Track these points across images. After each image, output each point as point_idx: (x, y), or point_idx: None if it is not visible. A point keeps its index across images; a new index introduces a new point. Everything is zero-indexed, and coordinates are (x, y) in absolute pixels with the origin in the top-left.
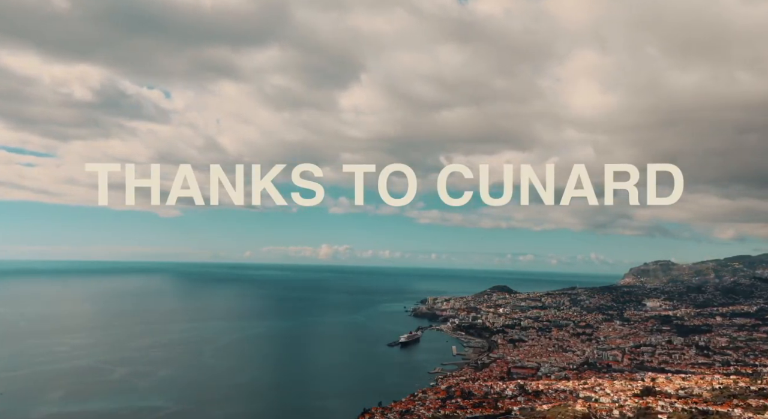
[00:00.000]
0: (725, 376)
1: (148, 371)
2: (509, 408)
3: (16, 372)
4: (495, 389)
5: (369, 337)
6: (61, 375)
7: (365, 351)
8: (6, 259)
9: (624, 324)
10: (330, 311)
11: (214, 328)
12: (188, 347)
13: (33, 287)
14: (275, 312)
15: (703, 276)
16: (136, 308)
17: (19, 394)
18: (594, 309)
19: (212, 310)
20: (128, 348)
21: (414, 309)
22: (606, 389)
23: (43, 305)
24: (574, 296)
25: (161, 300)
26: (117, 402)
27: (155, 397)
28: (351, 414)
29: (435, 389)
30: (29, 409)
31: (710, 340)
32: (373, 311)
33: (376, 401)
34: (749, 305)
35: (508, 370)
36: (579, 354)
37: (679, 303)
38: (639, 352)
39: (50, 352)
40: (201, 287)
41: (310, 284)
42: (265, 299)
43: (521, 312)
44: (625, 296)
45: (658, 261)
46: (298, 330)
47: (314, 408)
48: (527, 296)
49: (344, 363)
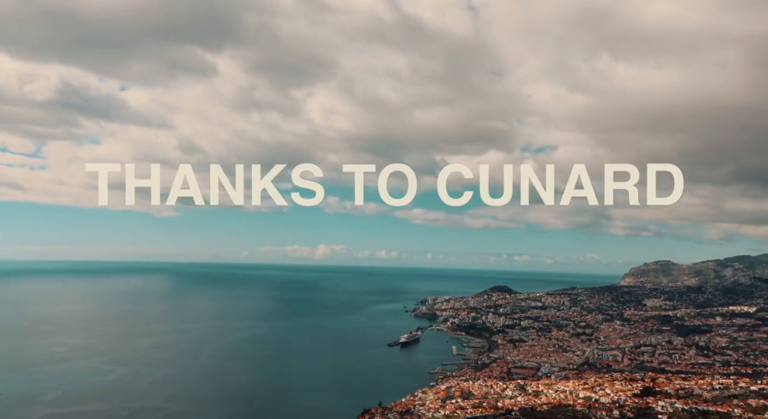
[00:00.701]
0: (725, 376)
1: (147, 372)
2: (509, 408)
3: (15, 372)
4: (495, 389)
5: (369, 337)
6: (60, 376)
7: (365, 351)
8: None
9: (624, 324)
10: (330, 312)
11: (214, 328)
12: (187, 348)
13: (30, 287)
14: (275, 313)
15: (703, 276)
16: (134, 309)
17: (18, 395)
18: (594, 309)
19: (212, 310)
20: (127, 348)
21: (414, 309)
22: (606, 389)
23: (42, 306)
24: (574, 297)
25: (159, 301)
26: (115, 402)
27: (154, 398)
28: (351, 414)
29: (435, 389)
30: (28, 410)
31: (710, 340)
32: (373, 312)
33: (376, 401)
34: (749, 305)
35: (508, 370)
36: (579, 354)
37: (679, 303)
38: (639, 352)
39: (49, 352)
40: (200, 287)
41: (309, 284)
42: (265, 300)
43: (521, 312)
44: (625, 296)
45: (658, 261)
46: (298, 330)
47: (314, 408)
48: (527, 297)
49: (344, 363)
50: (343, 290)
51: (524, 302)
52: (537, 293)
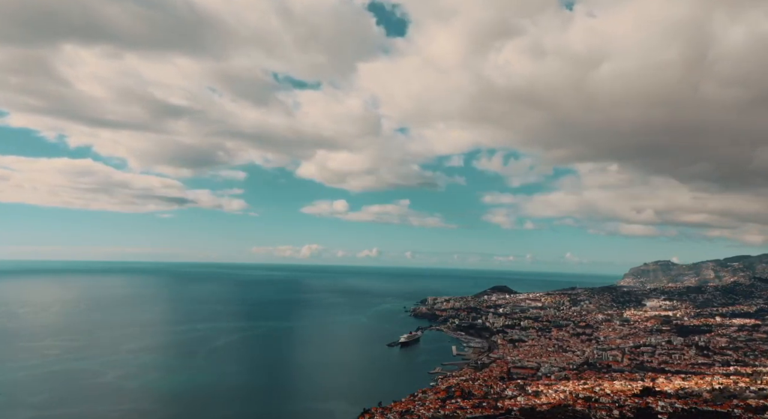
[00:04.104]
0: (725, 376)
1: (139, 373)
2: (509, 408)
3: (5, 375)
4: (495, 389)
5: (369, 337)
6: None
7: (365, 351)
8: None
9: (624, 324)
10: (330, 312)
11: (213, 329)
12: (184, 348)
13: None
14: (275, 313)
15: (703, 276)
16: (127, 310)
17: (10, 397)
18: (594, 309)
19: (211, 310)
20: (120, 350)
21: (414, 309)
22: (606, 389)
23: (35, 306)
24: (574, 297)
25: (158, 301)
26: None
27: (149, 400)
28: (351, 414)
29: (435, 389)
30: (19, 413)
31: (710, 340)
32: (373, 312)
33: (376, 401)
34: (749, 305)
35: (508, 370)
36: (579, 354)
37: (679, 303)
38: (639, 352)
39: (41, 355)
40: (198, 287)
41: (308, 283)
42: (264, 300)
43: (521, 312)
44: (625, 296)
45: (658, 261)
46: (298, 330)
47: (315, 408)
48: (527, 297)
49: (344, 363)
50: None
51: (524, 302)
52: (537, 293)
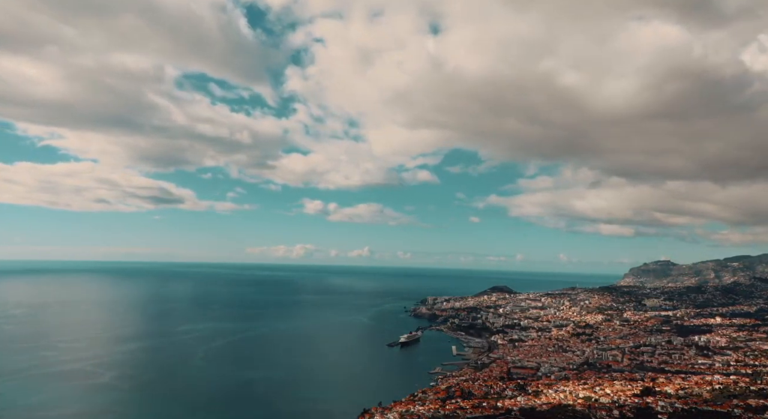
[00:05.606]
0: (725, 376)
1: (137, 374)
2: (509, 408)
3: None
4: (495, 389)
5: (369, 337)
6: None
7: (365, 351)
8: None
9: (624, 324)
10: (330, 312)
11: (213, 329)
12: (184, 348)
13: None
14: (275, 313)
15: (702, 276)
16: (125, 310)
17: (8, 397)
18: (594, 309)
19: (211, 311)
20: (116, 351)
21: (414, 309)
22: (606, 389)
23: (31, 307)
24: (574, 297)
25: (156, 301)
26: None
27: (148, 400)
28: (351, 413)
29: (435, 389)
30: (18, 413)
31: (710, 340)
32: (373, 312)
33: (376, 401)
34: (749, 305)
35: (508, 370)
36: (579, 354)
37: (679, 303)
38: (639, 352)
39: (39, 357)
40: (196, 287)
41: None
42: (264, 301)
43: (521, 312)
44: (625, 296)
45: (658, 261)
46: (298, 330)
47: (315, 408)
48: (527, 297)
49: (345, 363)
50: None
51: (524, 302)
52: (537, 293)
